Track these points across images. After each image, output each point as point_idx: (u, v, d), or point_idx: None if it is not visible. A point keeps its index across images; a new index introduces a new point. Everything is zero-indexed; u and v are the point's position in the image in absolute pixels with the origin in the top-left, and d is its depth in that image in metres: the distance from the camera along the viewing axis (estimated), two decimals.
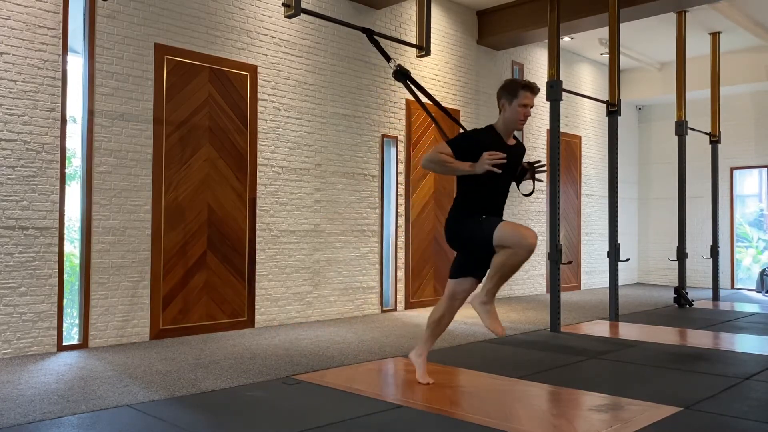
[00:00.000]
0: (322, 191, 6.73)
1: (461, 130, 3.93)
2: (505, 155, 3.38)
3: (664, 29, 8.90)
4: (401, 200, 7.51)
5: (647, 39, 9.62)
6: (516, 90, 3.56)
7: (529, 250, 3.35)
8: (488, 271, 3.56)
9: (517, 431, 2.96)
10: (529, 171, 3.78)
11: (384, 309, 7.29)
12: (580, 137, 10.55)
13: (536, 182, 3.82)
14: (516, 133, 3.85)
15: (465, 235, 3.61)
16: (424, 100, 4.66)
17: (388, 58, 4.64)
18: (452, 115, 4.49)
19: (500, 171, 3.38)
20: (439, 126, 4.53)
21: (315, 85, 6.71)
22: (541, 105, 9.66)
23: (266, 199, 6.25)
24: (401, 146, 7.54)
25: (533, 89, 3.59)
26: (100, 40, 5.15)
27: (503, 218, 3.62)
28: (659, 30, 9.06)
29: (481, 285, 3.69)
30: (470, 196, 3.60)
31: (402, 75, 4.48)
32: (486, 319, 3.55)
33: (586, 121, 10.75)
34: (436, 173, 6.60)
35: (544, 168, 3.80)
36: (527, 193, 3.83)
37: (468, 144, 3.54)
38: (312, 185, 6.64)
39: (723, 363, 4.59)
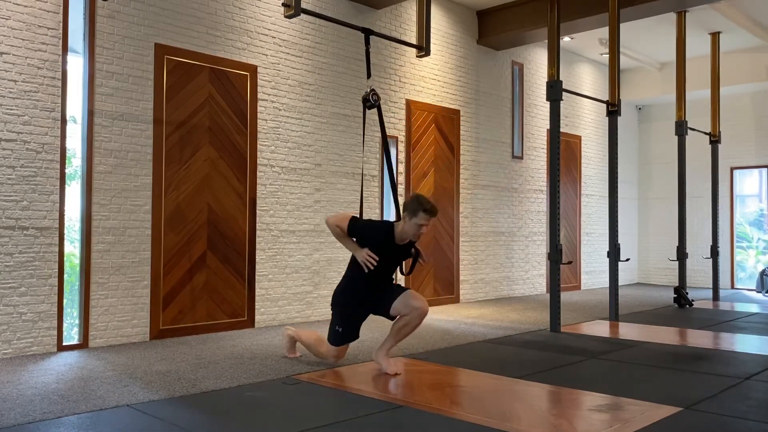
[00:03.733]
0: (322, 191, 6.73)
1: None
2: (377, 261, 4.00)
3: (664, 29, 8.90)
4: (401, 200, 7.49)
5: (647, 39, 9.62)
6: (417, 211, 3.96)
7: (322, 357, 4.36)
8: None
9: (517, 431, 2.96)
10: (414, 256, 4.22)
11: None
12: (580, 137, 10.55)
13: (417, 264, 4.27)
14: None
15: (333, 316, 4.30)
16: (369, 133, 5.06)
17: (368, 75, 4.85)
18: (395, 183, 4.90)
19: (367, 271, 4.02)
20: (390, 169, 4.85)
21: (315, 85, 6.71)
22: (541, 105, 9.68)
23: (266, 199, 6.25)
24: (401, 146, 7.54)
25: (432, 213, 3.97)
26: (100, 40, 5.15)
27: (392, 282, 4.28)
28: (659, 30, 9.06)
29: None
30: (352, 273, 4.21)
31: (368, 103, 4.60)
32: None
33: (586, 121, 10.75)
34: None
35: (423, 260, 4.25)
36: (405, 273, 4.37)
37: (361, 233, 4.10)
38: (312, 185, 6.64)
39: (723, 363, 4.59)
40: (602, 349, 5.13)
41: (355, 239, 4.13)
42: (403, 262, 4.35)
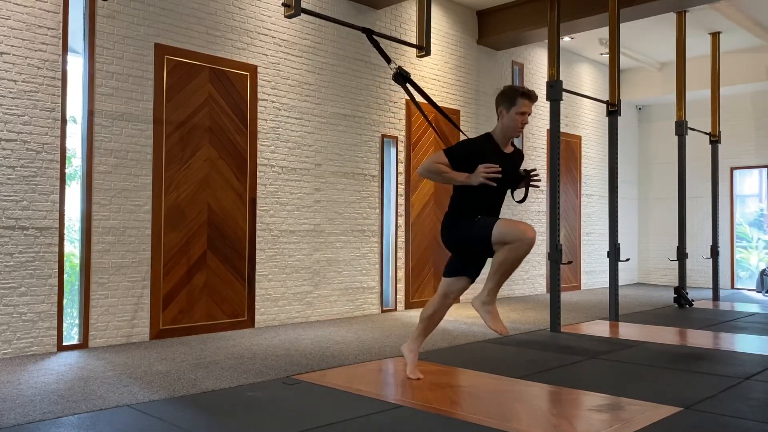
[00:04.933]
0: (322, 191, 6.73)
1: (461, 135, 3.92)
2: (500, 168, 3.43)
3: (664, 29, 8.90)
4: (401, 200, 7.51)
5: (647, 39, 9.62)
6: (514, 98, 3.59)
7: (529, 244, 3.38)
8: (490, 270, 3.57)
9: (517, 431, 2.96)
10: (524, 179, 3.80)
11: (384, 309, 7.29)
12: (580, 137, 10.55)
13: (531, 189, 3.83)
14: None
15: (461, 235, 3.64)
16: (421, 101, 4.60)
17: (388, 60, 4.61)
18: (452, 119, 4.46)
19: (495, 184, 3.44)
20: (437, 131, 4.52)
21: (315, 85, 6.71)
22: (541, 105, 9.66)
23: (266, 199, 6.25)
24: (401, 146, 7.54)
25: (531, 97, 3.60)
26: (100, 40, 5.15)
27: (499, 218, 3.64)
28: (659, 30, 9.06)
29: (482, 285, 3.69)
30: (466, 201, 3.65)
31: (402, 78, 4.42)
32: (488, 319, 3.56)
33: (586, 121, 10.75)
34: (432, 182, 6.68)
35: (539, 178, 3.81)
36: (519, 200, 3.86)
37: (465, 154, 3.57)
38: (312, 185, 6.64)
39: (723, 363, 4.59)
40: (602, 349, 5.13)
41: (458, 170, 3.54)
42: (514, 192, 3.83)
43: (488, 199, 3.64)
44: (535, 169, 3.83)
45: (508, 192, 3.83)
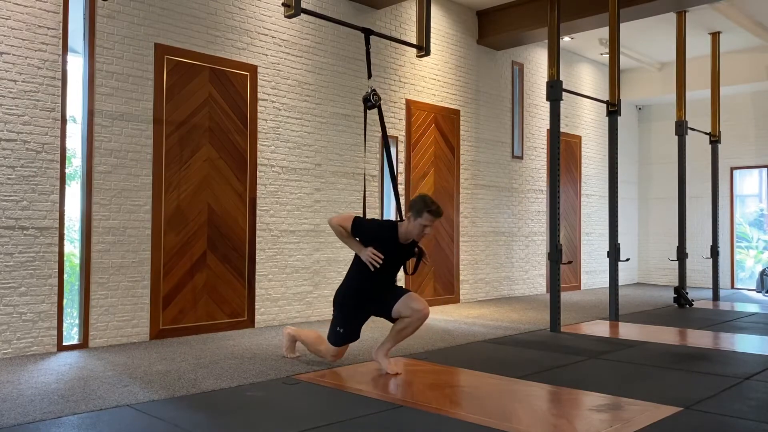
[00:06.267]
0: (322, 191, 6.73)
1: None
2: (381, 259, 3.99)
3: (664, 29, 8.90)
4: (401, 200, 7.49)
5: (647, 39, 9.62)
6: (421, 211, 3.96)
7: (322, 356, 4.36)
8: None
9: (517, 431, 2.96)
10: (417, 256, 4.25)
11: None
12: (580, 137, 10.55)
13: (421, 263, 4.28)
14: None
15: (335, 316, 4.28)
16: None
17: (369, 76, 4.88)
18: (396, 185, 4.92)
19: (373, 270, 4.02)
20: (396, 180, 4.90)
21: (315, 85, 6.71)
22: (541, 105, 9.68)
23: (266, 199, 6.25)
24: (401, 146, 7.54)
25: (436, 214, 3.98)
26: (100, 40, 5.15)
27: (395, 283, 4.29)
28: (659, 30, 9.06)
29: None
30: (356, 272, 4.19)
31: (369, 103, 4.63)
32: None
33: (586, 121, 10.75)
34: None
35: (426, 259, 4.28)
36: (409, 272, 4.38)
37: (365, 232, 4.09)
38: (312, 185, 6.64)
39: (723, 363, 4.59)
40: (602, 349, 5.13)
41: (358, 239, 4.12)
42: (407, 262, 4.35)
43: (375, 275, 4.10)
44: (425, 253, 4.28)
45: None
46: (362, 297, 4.21)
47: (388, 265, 4.09)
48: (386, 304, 4.14)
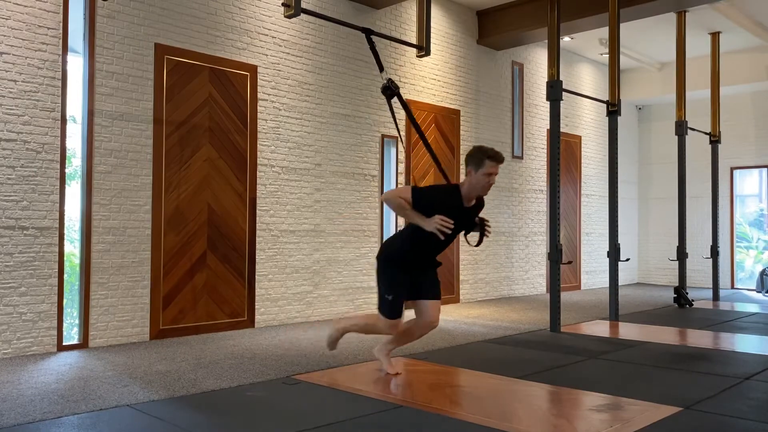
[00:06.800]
0: (322, 191, 6.73)
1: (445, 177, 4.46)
2: (452, 225, 3.67)
3: (664, 29, 8.90)
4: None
5: (647, 39, 9.62)
6: (482, 160, 3.76)
7: (381, 331, 4.01)
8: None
9: (517, 431, 2.96)
10: (479, 225, 4.05)
11: None
12: (580, 137, 10.55)
13: (484, 236, 4.07)
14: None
15: (379, 280, 3.99)
16: (399, 117, 4.85)
17: (381, 69, 4.75)
18: (429, 146, 4.77)
19: (443, 238, 3.72)
20: (432, 154, 4.79)
21: (315, 85, 6.71)
22: (541, 105, 9.68)
23: (266, 199, 6.25)
24: (401, 146, 7.54)
25: (498, 159, 3.77)
26: (100, 40, 5.15)
27: (437, 261, 4.10)
28: (659, 30, 9.06)
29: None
30: (413, 237, 3.87)
31: (389, 91, 4.54)
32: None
33: (586, 121, 10.75)
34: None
35: (490, 230, 4.07)
36: (473, 244, 4.10)
37: (429, 201, 3.78)
38: (312, 185, 6.64)
39: (723, 363, 4.59)
40: (602, 349, 5.13)
41: (417, 211, 3.79)
42: (468, 236, 4.11)
43: (433, 245, 3.88)
44: (487, 220, 4.08)
45: (463, 235, 4.11)
46: (413, 262, 3.94)
47: (453, 231, 3.79)
48: (420, 286, 3.96)
